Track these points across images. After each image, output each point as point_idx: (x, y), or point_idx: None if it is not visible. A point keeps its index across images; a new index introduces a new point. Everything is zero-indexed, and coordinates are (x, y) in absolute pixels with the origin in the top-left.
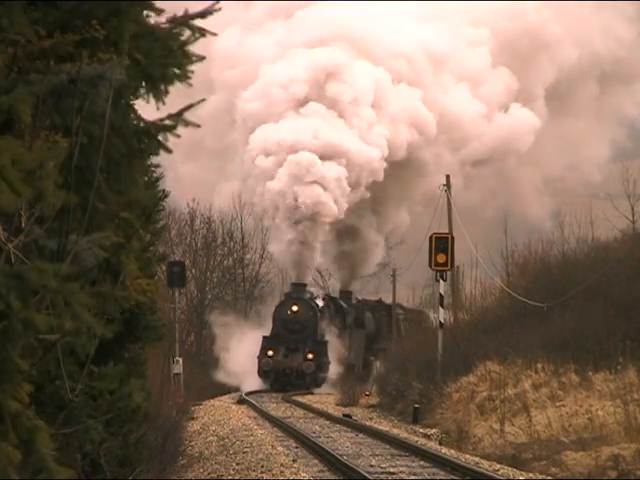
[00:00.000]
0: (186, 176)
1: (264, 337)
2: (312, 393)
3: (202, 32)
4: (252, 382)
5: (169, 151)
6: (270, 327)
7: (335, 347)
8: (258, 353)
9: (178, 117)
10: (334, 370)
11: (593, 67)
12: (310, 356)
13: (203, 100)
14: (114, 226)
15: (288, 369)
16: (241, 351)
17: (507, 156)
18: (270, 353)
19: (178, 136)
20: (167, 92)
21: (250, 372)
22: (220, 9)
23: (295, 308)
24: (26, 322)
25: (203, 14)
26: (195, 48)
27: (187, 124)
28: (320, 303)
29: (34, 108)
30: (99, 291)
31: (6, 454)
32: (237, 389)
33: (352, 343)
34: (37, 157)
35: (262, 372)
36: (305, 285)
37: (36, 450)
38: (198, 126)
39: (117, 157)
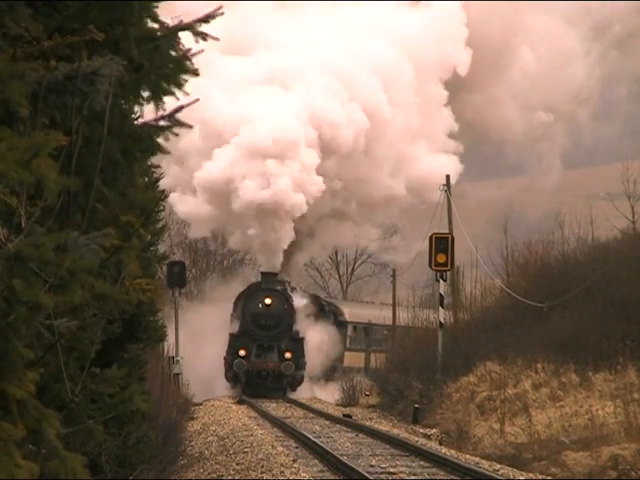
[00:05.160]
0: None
1: (231, 335)
2: (288, 398)
3: (204, 36)
4: (217, 386)
5: (166, 152)
6: (231, 323)
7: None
8: (225, 353)
9: (171, 118)
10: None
11: None
12: (288, 355)
13: (197, 100)
14: (114, 227)
15: (264, 371)
16: (201, 349)
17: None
18: (242, 353)
19: (176, 134)
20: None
21: (215, 375)
22: (223, 14)
23: (268, 301)
24: (32, 305)
25: (206, 19)
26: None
27: (180, 125)
28: (298, 297)
29: (32, 104)
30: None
31: (7, 431)
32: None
33: None
34: (32, 144)
35: (232, 375)
36: (277, 274)
37: (45, 439)
38: (190, 127)
39: (115, 159)
